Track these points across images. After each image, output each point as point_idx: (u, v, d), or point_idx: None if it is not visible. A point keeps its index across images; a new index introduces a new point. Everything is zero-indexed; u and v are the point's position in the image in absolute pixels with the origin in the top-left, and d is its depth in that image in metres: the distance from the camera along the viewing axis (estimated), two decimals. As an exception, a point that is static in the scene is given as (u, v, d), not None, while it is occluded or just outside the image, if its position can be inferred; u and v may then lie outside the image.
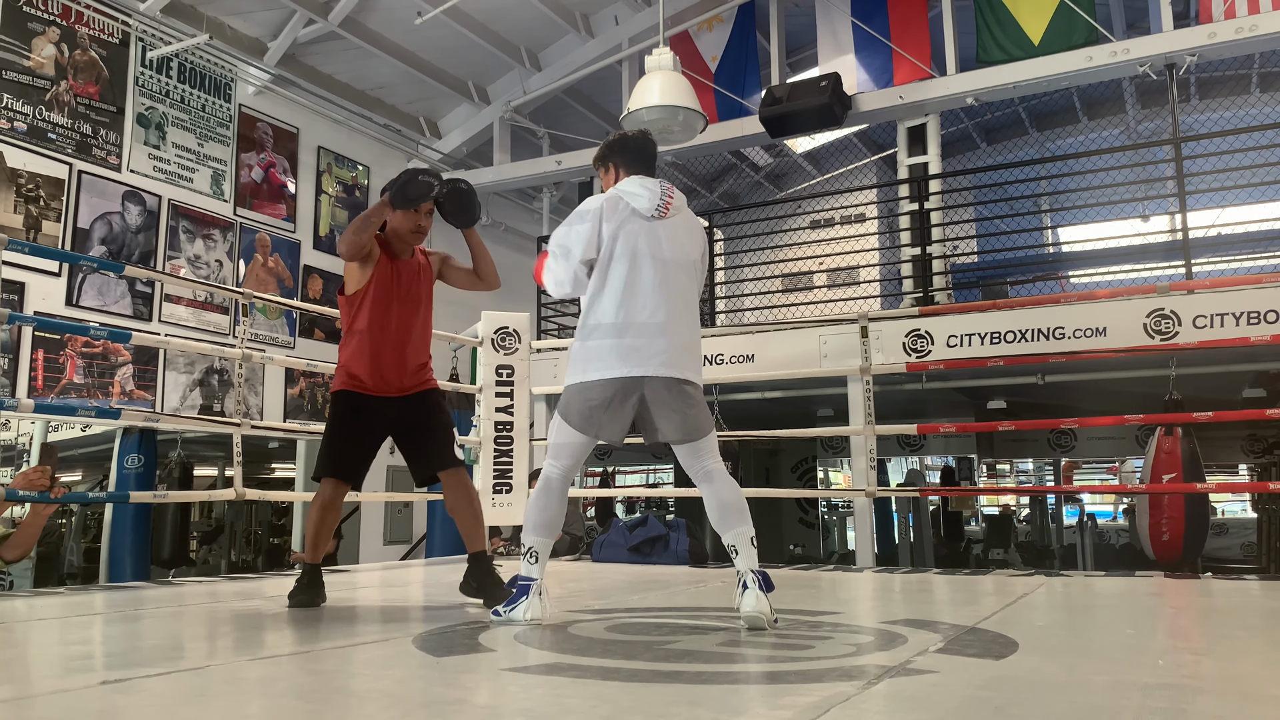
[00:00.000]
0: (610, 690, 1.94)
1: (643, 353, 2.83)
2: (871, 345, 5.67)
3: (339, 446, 3.50)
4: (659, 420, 2.86)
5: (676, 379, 2.86)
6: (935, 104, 8.30)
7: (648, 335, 2.85)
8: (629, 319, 2.86)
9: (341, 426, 3.50)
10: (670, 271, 2.92)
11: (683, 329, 2.92)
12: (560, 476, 2.94)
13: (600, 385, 2.85)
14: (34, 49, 6.87)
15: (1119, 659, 2.38)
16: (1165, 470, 5.95)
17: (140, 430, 7.28)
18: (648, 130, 3.27)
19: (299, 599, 3.40)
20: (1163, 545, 6.10)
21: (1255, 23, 6.99)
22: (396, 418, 3.50)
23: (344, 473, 3.49)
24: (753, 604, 2.69)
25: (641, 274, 2.89)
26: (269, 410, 8.36)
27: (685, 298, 2.96)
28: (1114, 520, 15.51)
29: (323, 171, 9.23)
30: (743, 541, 2.80)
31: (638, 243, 2.91)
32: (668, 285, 2.90)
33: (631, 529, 5.77)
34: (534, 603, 2.83)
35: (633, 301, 2.87)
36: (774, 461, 12.13)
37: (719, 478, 2.90)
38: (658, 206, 2.96)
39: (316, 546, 3.53)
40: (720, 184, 14.06)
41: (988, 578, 4.79)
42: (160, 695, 1.92)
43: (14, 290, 6.48)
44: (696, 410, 2.90)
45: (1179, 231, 7.01)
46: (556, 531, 2.94)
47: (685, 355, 2.91)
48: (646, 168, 3.09)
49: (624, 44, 9.43)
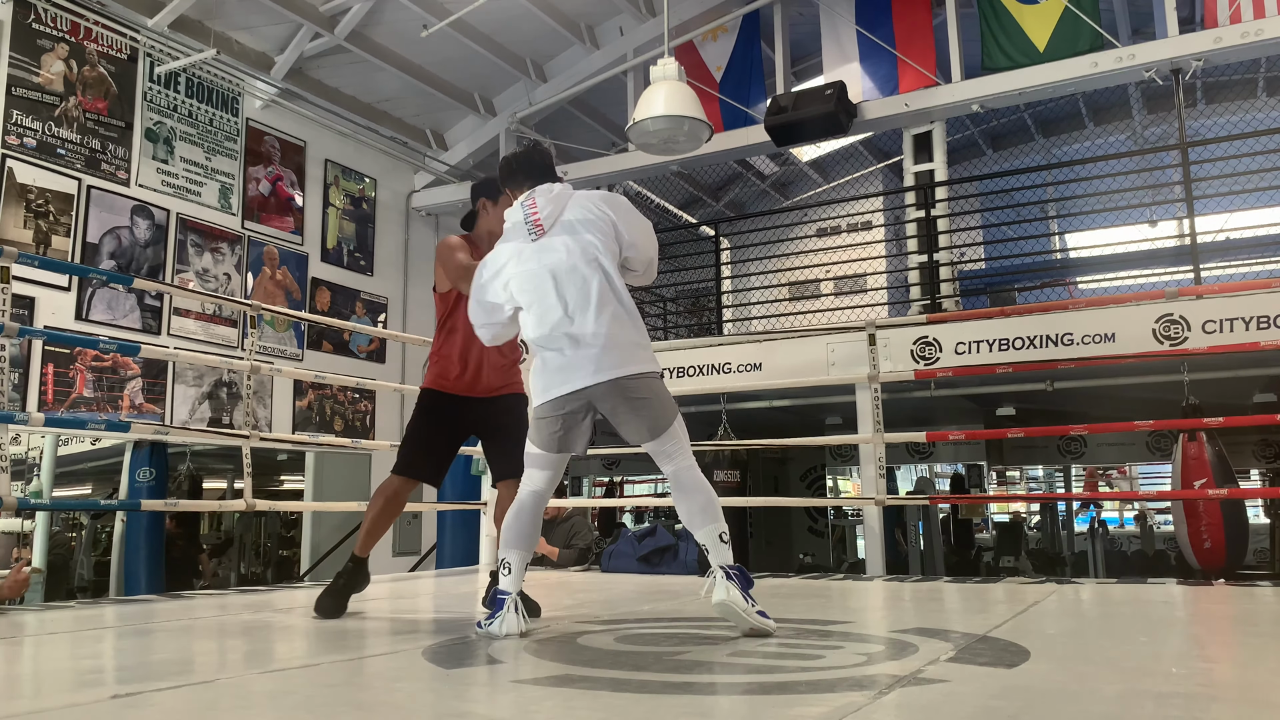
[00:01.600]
0: (621, 702, 1.94)
1: (568, 369, 2.83)
2: (879, 353, 5.66)
3: (416, 443, 3.50)
4: (618, 425, 2.87)
5: (611, 380, 2.81)
6: (941, 111, 8.30)
7: (568, 350, 2.83)
8: (548, 343, 2.87)
9: (422, 423, 3.50)
10: (564, 284, 2.85)
11: (603, 332, 2.82)
12: (531, 492, 2.97)
13: (542, 408, 2.89)
14: (43, 65, 6.92)
15: (1131, 667, 2.36)
16: (1196, 476, 5.87)
17: (150, 443, 7.31)
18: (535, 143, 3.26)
19: (326, 606, 3.37)
20: (1205, 553, 5.99)
21: (1261, 27, 6.97)
22: (482, 418, 3.51)
23: (416, 471, 3.49)
24: (722, 594, 2.69)
25: (544, 295, 2.86)
26: (278, 422, 8.38)
27: (591, 302, 2.83)
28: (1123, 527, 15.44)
29: (330, 184, 9.26)
30: (712, 539, 2.76)
31: (530, 265, 2.89)
32: (567, 298, 2.84)
33: (640, 539, 5.77)
34: (509, 617, 2.83)
35: (544, 322, 2.86)
36: (783, 470, 12.12)
37: (685, 475, 2.83)
38: (529, 230, 2.92)
39: (369, 536, 3.50)
40: (726, 193, 14.07)
41: (999, 585, 4.77)
42: (170, 709, 1.92)
43: (24, 304, 6.51)
44: (651, 406, 2.83)
45: (1187, 236, 7.00)
46: (533, 545, 2.98)
47: (616, 353, 2.82)
48: (532, 180, 3.02)
49: (629, 55, 9.46)
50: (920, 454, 11.98)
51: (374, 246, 9.59)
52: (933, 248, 7.73)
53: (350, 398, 9.07)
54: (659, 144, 7.02)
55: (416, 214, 10.19)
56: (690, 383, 7.02)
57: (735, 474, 7.35)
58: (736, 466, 7.37)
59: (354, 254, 9.38)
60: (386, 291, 9.64)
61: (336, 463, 8.87)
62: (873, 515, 6.15)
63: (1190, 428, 5.75)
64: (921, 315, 7.19)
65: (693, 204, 13.44)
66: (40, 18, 6.93)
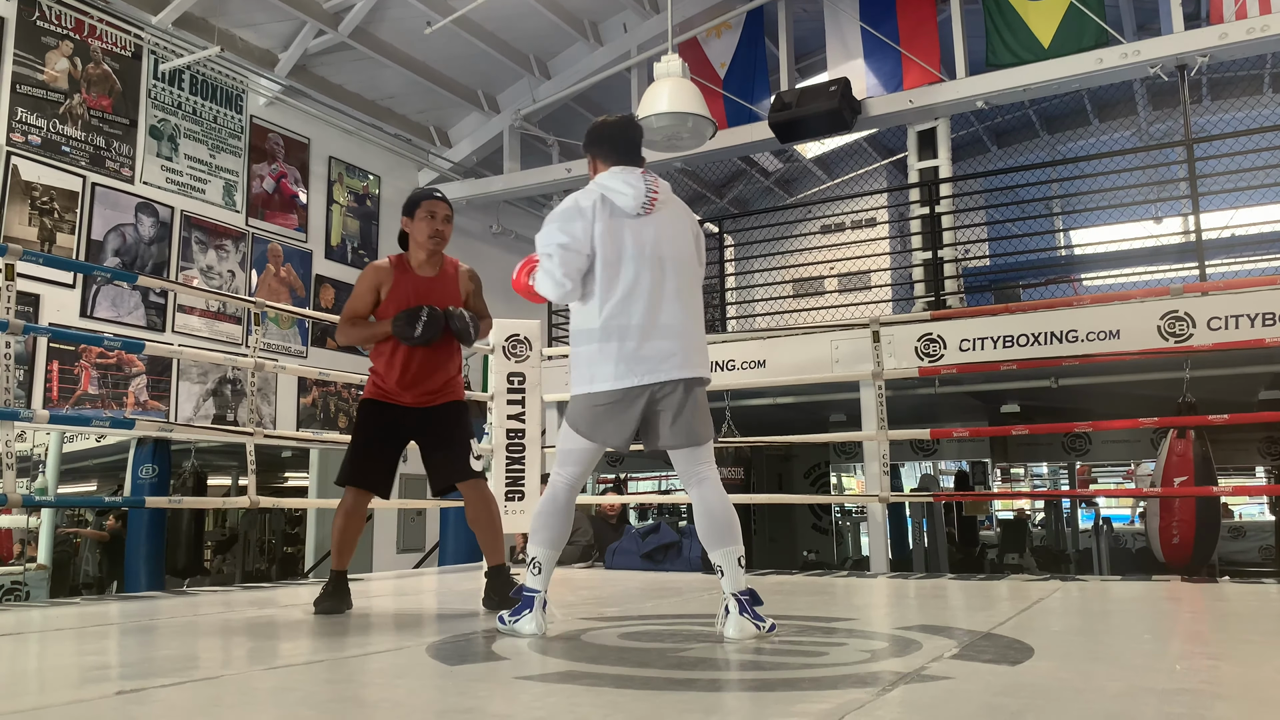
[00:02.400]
0: (624, 698, 1.94)
1: (650, 360, 2.71)
2: (883, 350, 5.66)
3: (361, 454, 3.55)
4: (661, 425, 2.75)
5: (687, 379, 2.75)
6: (945, 108, 8.28)
7: (653, 340, 2.72)
8: (629, 323, 2.72)
9: (365, 434, 3.55)
10: (667, 269, 2.78)
11: (689, 328, 2.78)
12: (567, 486, 2.84)
13: (608, 394, 2.74)
14: (48, 63, 6.93)
15: (1135, 664, 2.36)
16: (1177, 473, 5.91)
17: (154, 440, 7.32)
18: (631, 115, 3.10)
19: (324, 605, 3.44)
20: (1173, 548, 6.05)
21: (1267, 23, 6.95)
22: (419, 427, 3.54)
23: (365, 480, 3.53)
24: (735, 631, 2.62)
25: (636, 276, 2.74)
26: (282, 419, 8.39)
27: (684, 295, 2.79)
28: (1130, 524, 15.42)
29: (334, 181, 9.27)
30: (729, 562, 2.68)
31: (628, 242, 2.76)
32: (666, 284, 2.76)
33: (644, 536, 5.77)
34: (537, 616, 2.78)
35: (631, 305, 2.73)
36: (787, 467, 12.10)
37: (710, 485, 2.77)
38: (643, 203, 2.78)
39: (341, 553, 3.57)
40: (730, 190, 14.06)
41: (1002, 583, 4.76)
42: (175, 705, 1.93)
43: (29, 302, 6.53)
44: (699, 415, 2.79)
45: (1192, 233, 6.97)
46: (562, 543, 2.87)
47: (695, 354, 2.79)
48: (628, 156, 2.89)
49: (633, 51, 9.46)
50: (924, 451, 11.96)
51: (378, 243, 9.59)
52: (937, 244, 7.71)
53: (354, 395, 9.08)
54: (663, 141, 7.01)
55: (420, 211, 10.17)
56: (694, 380, 6.99)
57: (739, 471, 7.34)
58: (740, 464, 7.36)
59: (358, 251, 9.39)
60: (390, 288, 9.62)
61: (340, 459, 8.87)
62: (877, 512, 6.15)
63: (1196, 425, 5.74)
64: (926, 312, 7.18)
65: (697, 201, 13.43)
66: (45, 15, 6.94)
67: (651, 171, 2.91)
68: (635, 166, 2.89)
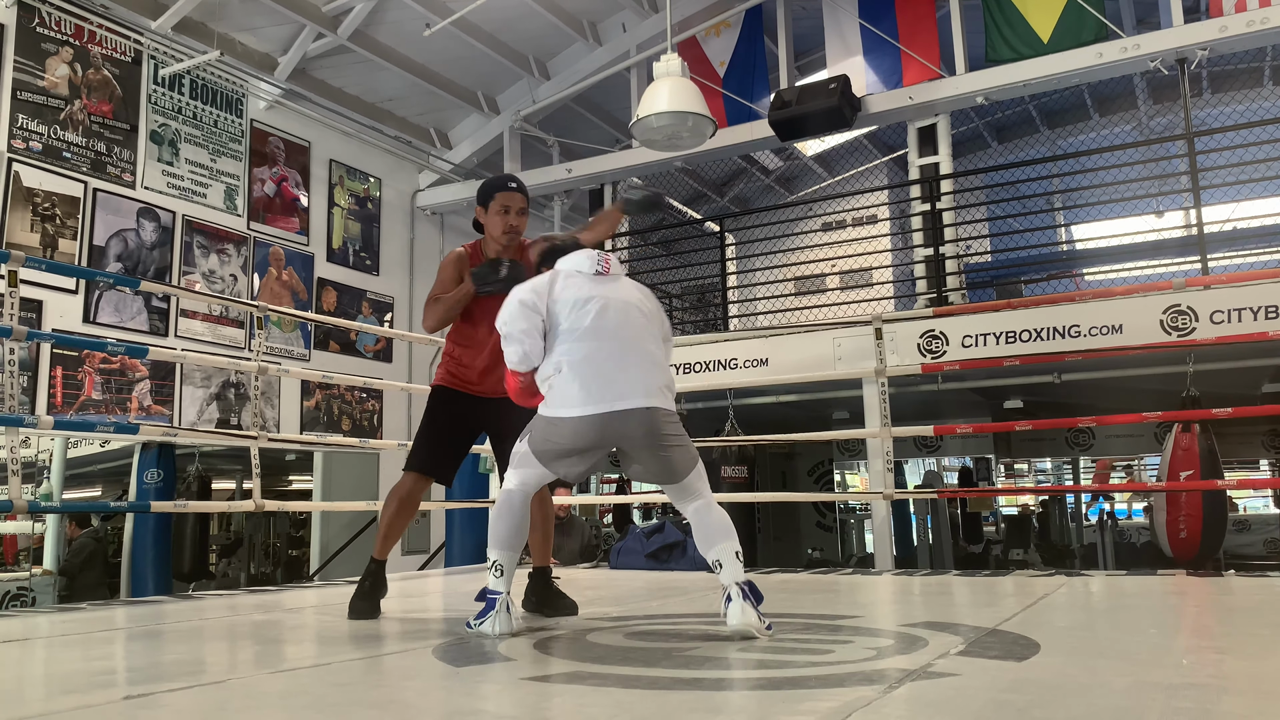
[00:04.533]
0: (631, 698, 1.94)
1: (612, 388, 2.74)
2: (886, 347, 5.65)
3: (435, 440, 3.45)
4: (637, 460, 2.80)
5: (648, 408, 2.75)
6: (945, 104, 8.28)
7: (614, 368, 2.76)
8: (590, 356, 2.77)
9: (440, 420, 3.46)
10: (630, 313, 2.86)
11: (651, 366, 2.82)
12: (521, 489, 2.89)
13: (569, 424, 2.76)
14: (48, 69, 6.94)
15: (1142, 659, 2.36)
16: (1182, 467, 5.91)
17: (159, 445, 7.33)
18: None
19: (359, 607, 3.35)
20: (1180, 543, 6.06)
21: (1267, 15, 6.94)
22: (491, 418, 3.44)
23: (436, 468, 3.44)
24: (738, 616, 2.62)
25: (603, 313, 2.81)
26: (285, 423, 8.40)
27: (648, 340, 2.87)
28: (1132, 519, 15.39)
29: (335, 184, 9.28)
30: (727, 555, 2.71)
31: (587, 291, 2.85)
32: (629, 324, 2.83)
33: (649, 535, 5.76)
34: (502, 616, 2.82)
35: (595, 342, 2.78)
36: (790, 465, 12.11)
37: (704, 508, 2.80)
38: (598, 265, 2.92)
39: (386, 539, 3.47)
40: (731, 188, 14.05)
41: (1008, 579, 4.76)
42: (182, 710, 1.93)
43: (32, 308, 6.53)
44: (676, 450, 2.79)
45: (1194, 227, 6.96)
46: (521, 544, 2.92)
47: (657, 389, 2.80)
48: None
49: (632, 51, 9.45)
50: (928, 448, 11.97)
51: (379, 246, 9.59)
52: (938, 241, 7.71)
53: (357, 397, 9.08)
54: (663, 140, 7.01)
55: (421, 213, 10.20)
56: (696, 379, 7.02)
57: (743, 469, 7.35)
58: (744, 462, 7.37)
59: (359, 254, 9.39)
60: (392, 291, 9.65)
61: (344, 462, 8.89)
62: (881, 509, 6.15)
63: (1199, 419, 5.74)
64: (928, 309, 7.18)
65: (697, 200, 13.43)
66: (44, 21, 6.95)
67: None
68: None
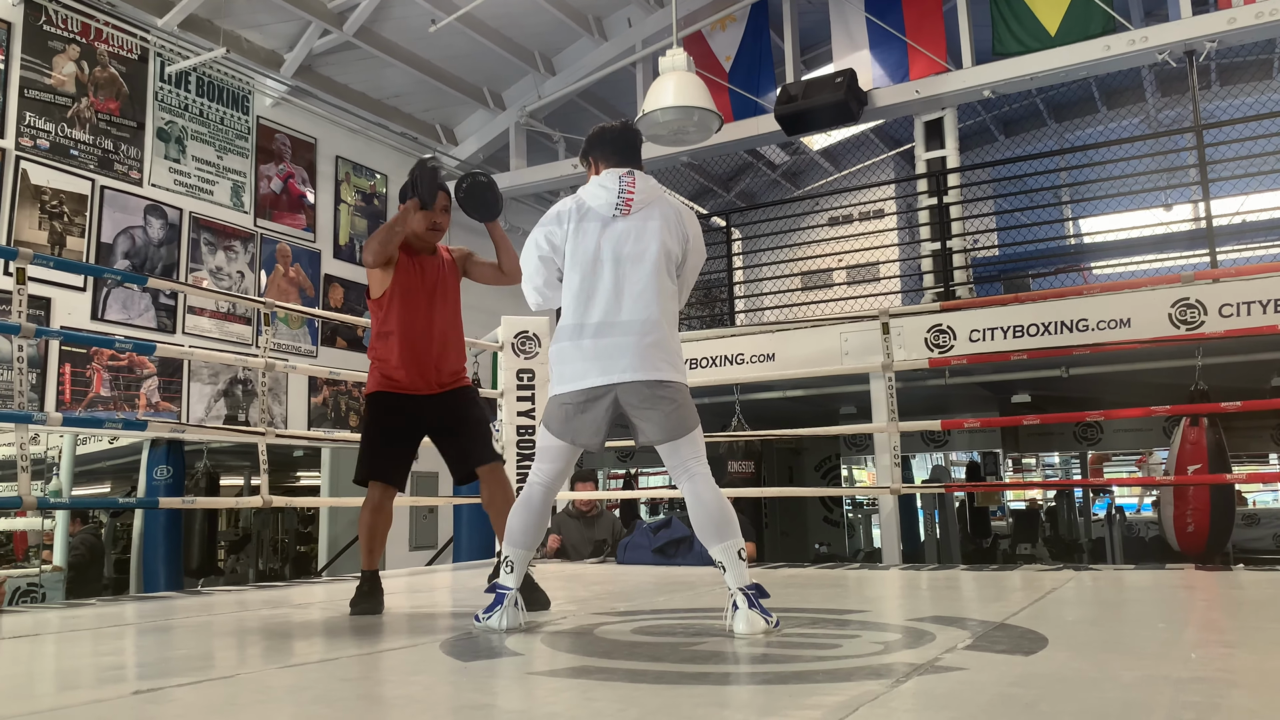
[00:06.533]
0: (638, 692, 1.94)
1: (607, 358, 2.74)
2: (893, 341, 5.64)
3: (379, 448, 3.48)
4: (638, 422, 2.77)
5: (646, 380, 2.75)
6: (952, 98, 8.25)
7: (610, 337, 2.75)
8: (586, 322, 2.78)
9: (379, 427, 3.48)
10: (627, 269, 2.79)
11: (648, 328, 2.77)
12: (543, 484, 2.88)
13: (572, 395, 2.78)
14: (55, 67, 6.96)
15: (1150, 653, 2.35)
16: (1190, 461, 5.88)
17: (167, 441, 7.35)
18: (627, 121, 3.12)
19: (361, 607, 3.38)
20: (1188, 536, 6.04)
21: (1275, 6, 6.90)
22: (433, 415, 3.48)
23: (387, 474, 3.47)
24: (744, 626, 2.60)
25: (598, 276, 2.79)
26: (293, 419, 8.42)
27: (647, 295, 2.78)
28: (1140, 513, 15.36)
29: (341, 181, 9.29)
30: (730, 556, 2.68)
31: (593, 243, 2.81)
32: (627, 285, 2.79)
33: (655, 531, 5.76)
34: (510, 612, 2.83)
35: (590, 305, 2.78)
36: (798, 460, 12.10)
37: (700, 480, 2.76)
38: (617, 205, 2.83)
39: (371, 551, 3.49)
40: (737, 183, 14.04)
41: (1015, 573, 4.75)
42: (191, 705, 1.94)
43: (40, 305, 6.56)
44: (676, 409, 2.77)
45: (1202, 220, 6.94)
46: (536, 543, 2.92)
47: (655, 354, 2.77)
48: (624, 159, 2.94)
49: (637, 46, 9.44)
50: (935, 442, 11.93)
51: (386, 242, 9.59)
52: (945, 235, 7.69)
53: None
54: (669, 135, 7.01)
55: (428, 209, 10.19)
56: (703, 374, 7.02)
57: (750, 465, 7.35)
58: (751, 457, 7.36)
59: (366, 250, 9.40)
60: (399, 287, 9.64)
61: (352, 458, 8.85)
62: (888, 504, 6.14)
63: (1207, 412, 5.72)
64: (935, 303, 7.16)
65: (703, 195, 13.42)
66: (51, 20, 6.96)
67: (641, 173, 2.93)
68: (633, 167, 2.92)
